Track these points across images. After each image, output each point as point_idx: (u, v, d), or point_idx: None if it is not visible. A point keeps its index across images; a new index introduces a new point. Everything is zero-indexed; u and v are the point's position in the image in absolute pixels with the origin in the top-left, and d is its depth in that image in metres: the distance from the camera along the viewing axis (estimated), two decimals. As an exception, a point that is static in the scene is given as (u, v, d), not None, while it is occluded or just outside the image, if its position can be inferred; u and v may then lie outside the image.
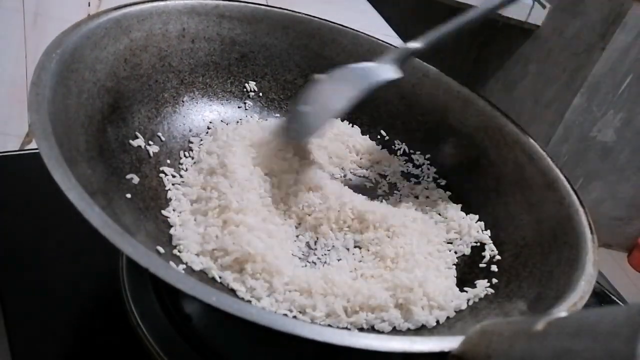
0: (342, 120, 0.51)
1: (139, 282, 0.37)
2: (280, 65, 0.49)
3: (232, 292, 0.33)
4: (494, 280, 0.38)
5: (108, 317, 0.38)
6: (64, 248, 0.42)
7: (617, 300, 0.55)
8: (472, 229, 0.42)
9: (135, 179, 0.37)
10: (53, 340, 0.36)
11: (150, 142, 0.40)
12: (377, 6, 1.04)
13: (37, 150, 0.26)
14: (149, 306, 0.36)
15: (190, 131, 0.44)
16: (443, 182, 0.48)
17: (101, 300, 0.39)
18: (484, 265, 0.40)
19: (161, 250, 0.33)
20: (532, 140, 0.43)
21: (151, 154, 0.40)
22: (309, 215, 0.40)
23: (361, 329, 0.33)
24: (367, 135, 0.50)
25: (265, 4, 0.50)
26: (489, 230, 0.42)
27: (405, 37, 0.93)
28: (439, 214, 0.44)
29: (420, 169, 0.49)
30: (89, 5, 0.74)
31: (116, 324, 0.37)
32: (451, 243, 0.42)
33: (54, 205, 0.34)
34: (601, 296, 0.54)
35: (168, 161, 0.41)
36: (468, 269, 0.40)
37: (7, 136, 0.51)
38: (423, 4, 1.45)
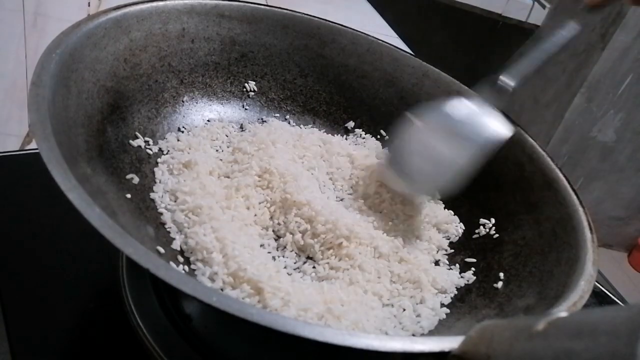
0: (344, 124, 0.51)
1: (139, 282, 0.37)
2: (280, 64, 0.49)
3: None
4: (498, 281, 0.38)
5: (108, 317, 0.38)
6: (64, 248, 0.42)
7: (617, 300, 0.55)
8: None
9: (136, 179, 0.37)
10: (53, 340, 0.36)
11: (150, 142, 0.41)
12: (377, 6, 1.04)
13: (37, 150, 0.26)
14: (149, 306, 0.36)
15: (189, 131, 0.44)
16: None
17: (101, 300, 0.39)
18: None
19: (161, 250, 0.33)
20: (531, 140, 0.43)
21: (151, 154, 0.40)
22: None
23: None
24: (369, 135, 0.51)
25: (265, 3, 0.50)
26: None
27: (406, 37, 0.93)
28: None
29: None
30: (89, 5, 0.74)
31: (116, 324, 0.37)
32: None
33: (54, 205, 0.34)
34: (601, 296, 0.55)
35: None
36: (468, 269, 0.40)
37: (7, 136, 0.51)
38: (423, 4, 1.45)
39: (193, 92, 0.46)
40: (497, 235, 0.41)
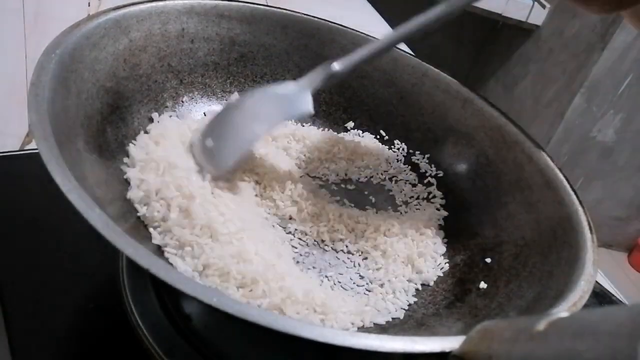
0: (344, 124, 0.51)
1: (139, 282, 0.37)
2: (279, 65, 0.49)
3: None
4: (495, 280, 0.38)
5: (108, 317, 0.38)
6: (64, 248, 0.42)
7: (617, 300, 0.55)
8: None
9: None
10: (53, 340, 0.36)
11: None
12: (376, 6, 1.04)
13: (37, 151, 0.26)
14: (149, 306, 0.36)
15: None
16: (443, 182, 0.47)
17: (101, 300, 0.39)
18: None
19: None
20: (531, 140, 0.43)
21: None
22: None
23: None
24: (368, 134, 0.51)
25: (265, 3, 0.50)
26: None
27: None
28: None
29: (419, 168, 0.49)
30: (89, 5, 0.74)
31: (116, 324, 0.36)
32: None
33: (53, 206, 0.34)
34: (601, 296, 0.54)
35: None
36: (468, 269, 0.40)
37: (7, 136, 0.51)
38: (423, 4, 1.45)
39: (192, 92, 0.46)
40: (496, 236, 0.41)
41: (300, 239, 0.40)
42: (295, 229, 0.40)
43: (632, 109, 1.41)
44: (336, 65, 0.39)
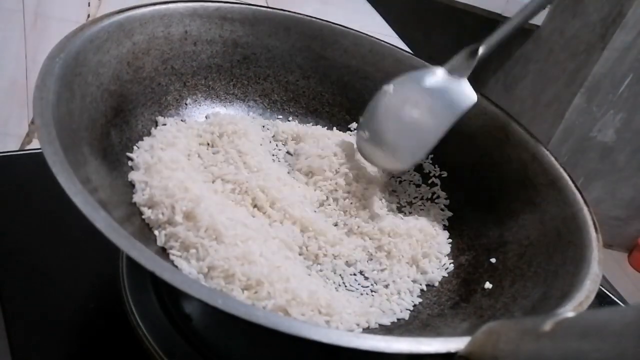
0: (347, 125, 0.51)
1: (139, 282, 0.37)
2: (282, 66, 0.49)
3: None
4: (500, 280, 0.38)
5: (108, 317, 0.38)
6: (64, 248, 0.42)
7: (617, 301, 0.55)
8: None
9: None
10: (53, 340, 0.36)
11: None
12: (377, 6, 1.04)
13: (37, 151, 0.26)
14: (149, 306, 0.36)
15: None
16: (447, 183, 0.48)
17: (101, 300, 0.39)
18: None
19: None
20: (535, 140, 0.43)
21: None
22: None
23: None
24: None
25: (266, 5, 0.50)
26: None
27: (406, 37, 0.93)
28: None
29: (423, 169, 0.49)
30: (89, 5, 0.73)
31: (116, 324, 0.36)
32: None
33: (54, 206, 0.34)
34: (601, 296, 0.54)
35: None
36: (472, 270, 0.40)
37: (7, 136, 0.51)
38: (423, 4, 1.45)
39: (196, 94, 0.46)
40: (501, 235, 0.41)
41: (304, 240, 0.40)
42: (300, 231, 0.40)
43: (632, 109, 1.41)
44: (481, 48, 0.41)
